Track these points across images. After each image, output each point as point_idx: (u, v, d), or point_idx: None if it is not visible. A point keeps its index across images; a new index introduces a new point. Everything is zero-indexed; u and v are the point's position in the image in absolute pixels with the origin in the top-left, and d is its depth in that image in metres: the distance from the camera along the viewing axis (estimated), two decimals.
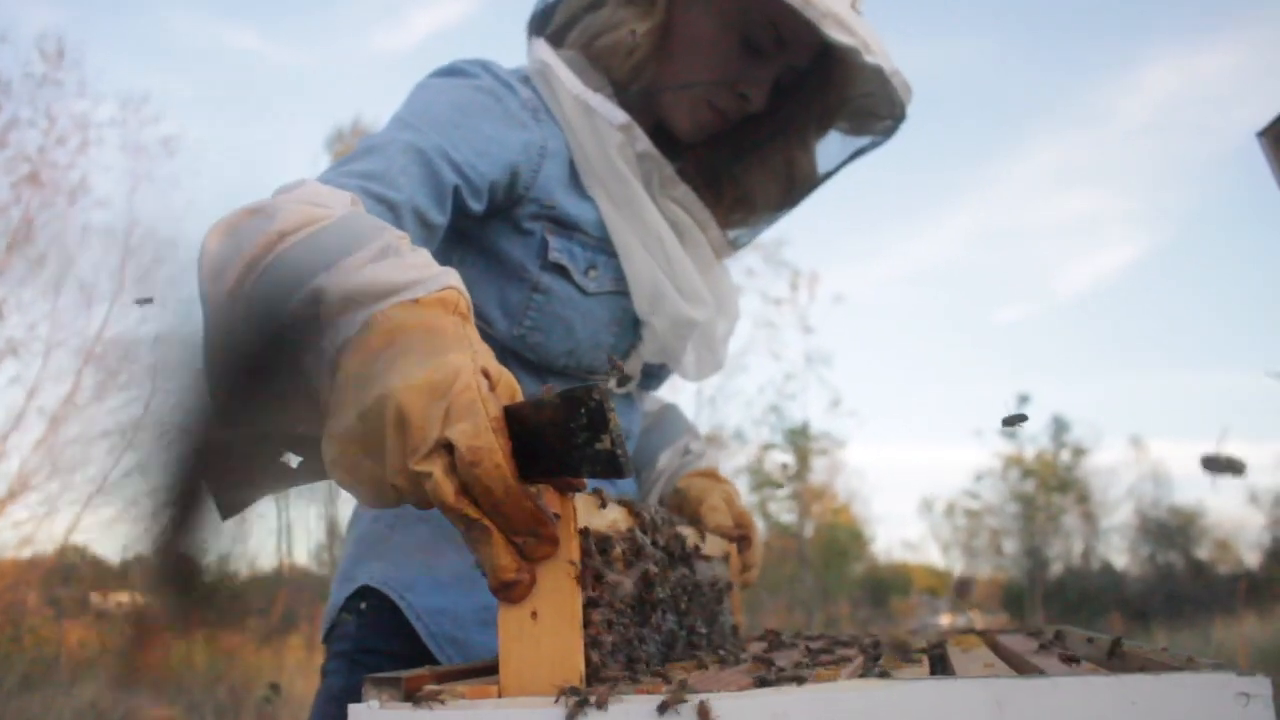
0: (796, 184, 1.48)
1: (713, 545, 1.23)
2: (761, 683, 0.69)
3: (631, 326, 1.36)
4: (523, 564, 0.72)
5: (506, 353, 1.29)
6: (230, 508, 0.85)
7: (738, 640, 1.25)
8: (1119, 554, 21.01)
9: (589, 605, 0.78)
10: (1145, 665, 0.77)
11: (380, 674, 0.73)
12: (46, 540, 9.30)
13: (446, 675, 0.79)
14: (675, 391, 11.43)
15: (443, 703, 0.69)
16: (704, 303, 1.38)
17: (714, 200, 1.43)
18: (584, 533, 0.78)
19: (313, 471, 0.79)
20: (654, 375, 1.50)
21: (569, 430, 0.69)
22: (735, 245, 1.49)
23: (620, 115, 1.30)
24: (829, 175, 1.49)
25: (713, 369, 1.48)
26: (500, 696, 0.72)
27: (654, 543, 0.96)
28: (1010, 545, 21.07)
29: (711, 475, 1.55)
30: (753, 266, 11.73)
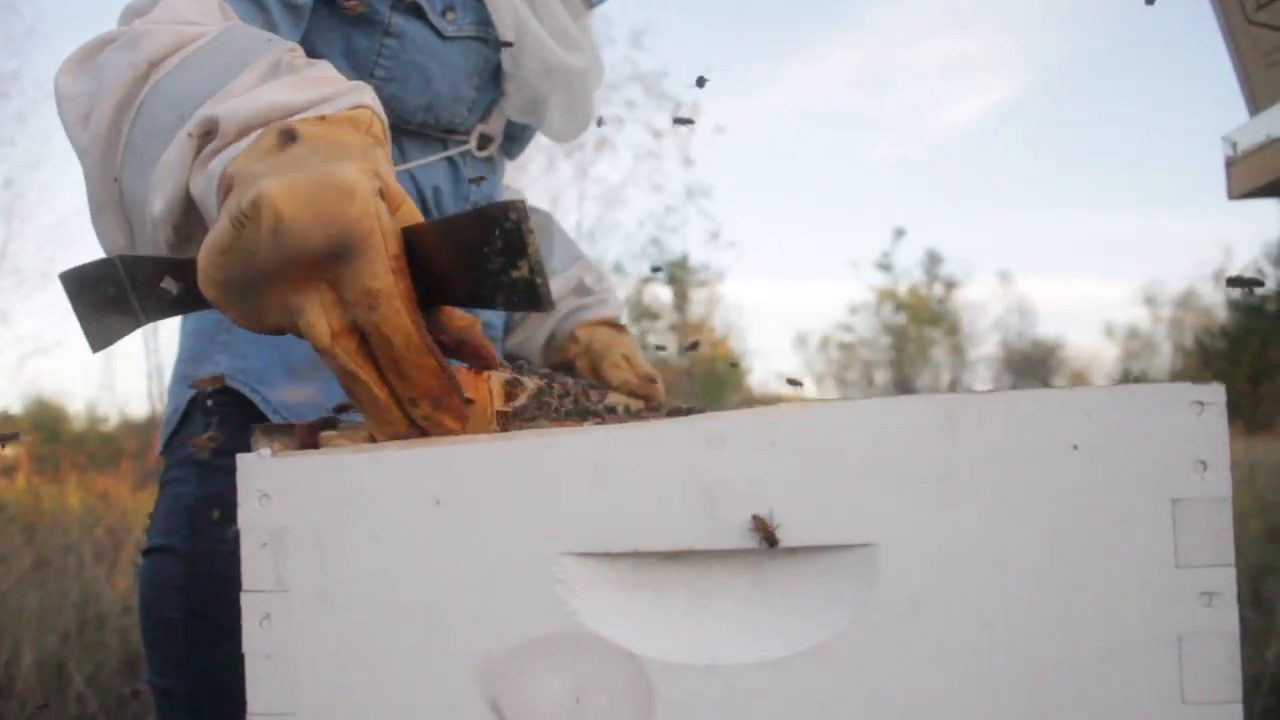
0: None
1: (613, 400, 1.17)
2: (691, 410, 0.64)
3: (493, 79, 1.24)
4: (412, 428, 0.64)
5: None
6: (102, 338, 0.75)
7: None
8: (984, 384, 22.14)
9: None
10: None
11: (270, 424, 0.66)
12: None
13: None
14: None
15: (343, 445, 0.63)
16: (579, 49, 1.26)
17: None
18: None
19: (194, 299, 0.68)
20: (515, 138, 1.37)
21: (481, 255, 0.60)
22: (589, 4, 1.36)
23: None
24: None
25: (581, 129, 1.35)
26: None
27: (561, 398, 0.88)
28: (881, 377, 21.96)
29: (614, 325, 1.46)
30: (634, 98, 11.44)
